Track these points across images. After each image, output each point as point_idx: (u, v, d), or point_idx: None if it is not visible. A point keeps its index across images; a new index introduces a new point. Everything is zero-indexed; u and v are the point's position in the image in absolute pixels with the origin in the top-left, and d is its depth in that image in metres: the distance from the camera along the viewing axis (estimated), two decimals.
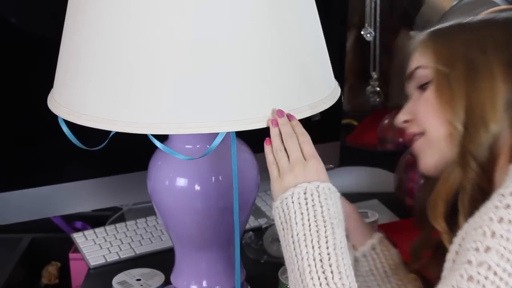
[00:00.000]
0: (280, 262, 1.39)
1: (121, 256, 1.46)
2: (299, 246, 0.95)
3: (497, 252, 0.85)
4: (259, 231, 1.46)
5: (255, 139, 1.18)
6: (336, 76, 1.18)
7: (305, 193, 0.97)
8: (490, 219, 0.87)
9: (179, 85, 0.98)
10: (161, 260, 1.41)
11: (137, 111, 0.99)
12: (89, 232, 1.53)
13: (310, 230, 0.95)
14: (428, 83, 1.03)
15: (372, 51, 1.76)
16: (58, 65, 1.09)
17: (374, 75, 1.76)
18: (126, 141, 1.11)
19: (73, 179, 1.50)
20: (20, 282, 1.54)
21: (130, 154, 1.39)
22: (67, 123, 1.08)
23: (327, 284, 0.91)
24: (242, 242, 1.43)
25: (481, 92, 0.97)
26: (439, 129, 1.01)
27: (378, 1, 1.70)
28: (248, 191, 1.19)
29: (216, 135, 1.03)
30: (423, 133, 1.04)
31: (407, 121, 1.07)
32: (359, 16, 1.75)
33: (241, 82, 1.00)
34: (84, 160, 1.42)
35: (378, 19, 1.72)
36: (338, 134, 1.72)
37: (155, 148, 1.14)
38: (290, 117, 1.02)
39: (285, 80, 1.03)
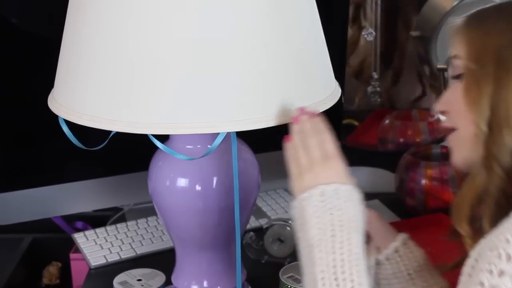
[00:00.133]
0: (281, 262, 1.39)
1: (122, 256, 1.46)
2: (313, 251, 0.92)
3: (511, 278, 0.83)
4: (260, 231, 1.46)
5: (256, 139, 1.18)
6: (337, 77, 1.18)
7: (323, 196, 0.94)
8: (507, 241, 0.84)
9: (180, 85, 0.98)
10: (162, 260, 1.41)
11: (138, 111, 0.99)
12: (90, 232, 1.53)
13: (326, 235, 0.92)
14: (461, 75, 0.98)
15: (373, 51, 1.76)
16: (59, 65, 1.09)
17: (375, 75, 1.77)
18: (127, 141, 1.11)
19: (74, 179, 1.50)
20: (21, 282, 1.54)
21: (131, 154, 1.39)
22: (68, 123, 1.08)
23: None
24: (243, 242, 1.43)
25: (508, 93, 0.93)
26: (468, 129, 0.96)
27: (379, 1, 1.71)
28: (249, 191, 1.19)
29: (217, 135, 1.03)
30: (455, 129, 1.00)
31: (443, 112, 1.02)
32: (360, 16, 1.75)
33: (242, 82, 1.00)
34: (85, 160, 1.42)
35: (379, 19, 1.72)
36: (339, 134, 1.71)
37: (156, 148, 1.14)
38: (313, 114, 1.00)
39: (286, 81, 1.03)
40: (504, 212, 0.89)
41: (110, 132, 1.11)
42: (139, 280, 1.33)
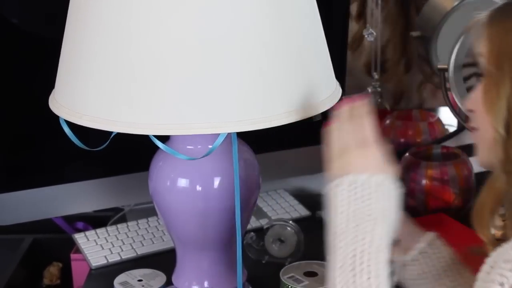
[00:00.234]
0: (282, 263, 1.39)
1: (123, 257, 1.46)
2: (336, 239, 0.91)
3: None
4: (261, 232, 1.46)
5: (256, 140, 1.18)
6: (337, 77, 1.18)
7: (353, 184, 0.92)
8: None
9: (181, 86, 0.98)
10: (163, 261, 1.41)
11: (139, 112, 0.99)
12: (91, 233, 1.53)
13: (349, 225, 0.90)
14: (483, 75, 0.95)
15: (373, 51, 1.76)
16: (60, 66, 1.09)
17: (375, 76, 1.76)
18: (128, 142, 1.11)
19: (75, 180, 1.50)
20: (22, 283, 1.54)
21: (132, 155, 1.39)
22: (69, 124, 1.08)
23: (354, 282, 0.87)
24: (243, 243, 1.43)
25: None
26: (487, 131, 0.93)
27: (380, 1, 1.70)
28: (249, 192, 1.19)
29: (217, 136, 1.03)
30: (478, 129, 0.98)
31: (470, 111, 0.99)
32: (366, 13, 1.75)
33: (242, 83, 1.00)
34: (86, 161, 1.42)
35: (379, 19, 1.72)
36: None
37: (157, 149, 1.14)
38: (355, 100, 0.98)
39: (287, 81, 1.03)
40: None
41: (111, 133, 1.11)
42: (140, 281, 1.33)
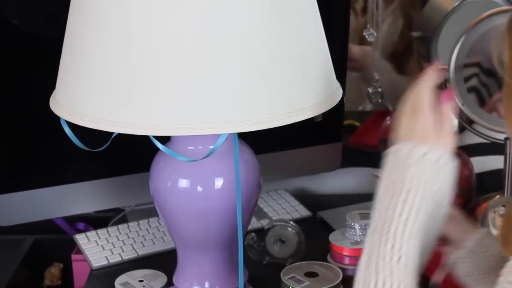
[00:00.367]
0: (283, 263, 1.39)
1: (124, 257, 1.46)
2: (377, 204, 0.93)
3: None
4: (261, 232, 1.46)
5: (257, 140, 1.18)
6: (338, 77, 1.18)
7: (408, 153, 0.92)
8: None
9: (182, 87, 0.98)
10: (164, 261, 1.40)
11: (139, 112, 0.99)
12: (92, 233, 1.53)
13: (388, 192, 0.92)
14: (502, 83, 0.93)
15: (373, 52, 1.76)
16: (60, 66, 1.09)
17: (376, 76, 1.76)
18: (128, 142, 1.11)
19: (75, 181, 1.50)
20: (23, 284, 1.54)
21: (133, 155, 1.39)
22: (69, 124, 1.08)
23: (378, 249, 0.89)
24: (244, 243, 1.43)
25: None
26: None
27: (380, 2, 1.70)
28: (250, 192, 1.19)
29: (218, 136, 1.03)
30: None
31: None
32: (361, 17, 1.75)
33: (243, 84, 1.00)
34: (86, 161, 1.42)
35: (380, 20, 1.72)
36: (340, 135, 1.72)
37: (158, 149, 1.14)
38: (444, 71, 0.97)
39: (288, 82, 1.03)
40: None
41: (112, 133, 1.11)
42: (141, 281, 1.33)
